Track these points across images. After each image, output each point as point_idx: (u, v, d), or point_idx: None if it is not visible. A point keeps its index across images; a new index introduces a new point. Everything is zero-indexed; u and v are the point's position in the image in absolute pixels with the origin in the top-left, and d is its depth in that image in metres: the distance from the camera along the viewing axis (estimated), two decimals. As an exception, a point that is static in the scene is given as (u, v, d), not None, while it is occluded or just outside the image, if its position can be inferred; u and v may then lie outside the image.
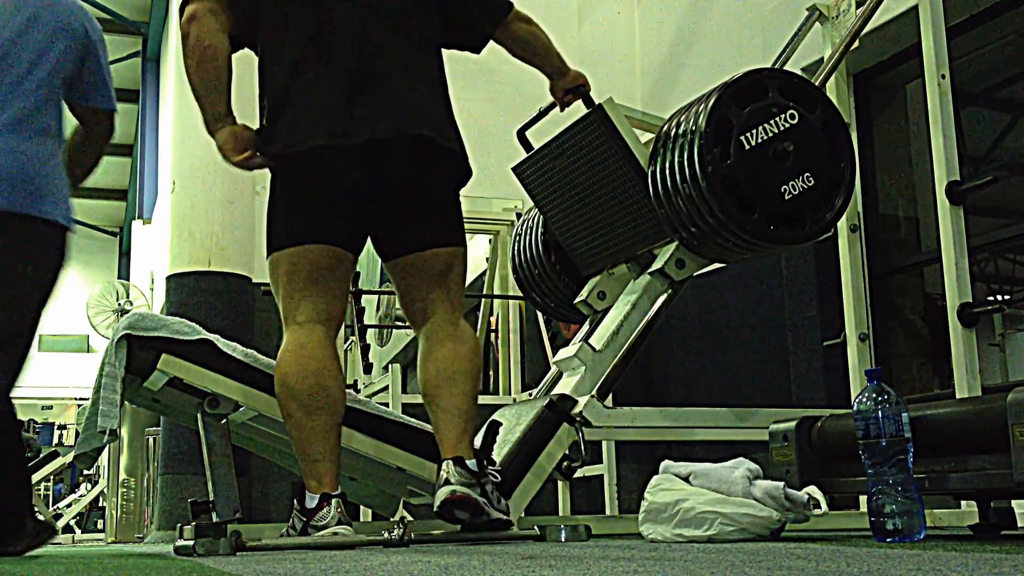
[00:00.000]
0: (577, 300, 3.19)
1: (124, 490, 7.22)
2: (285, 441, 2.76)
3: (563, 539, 2.35)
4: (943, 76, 3.08)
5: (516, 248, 3.50)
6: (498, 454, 2.67)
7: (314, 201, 2.47)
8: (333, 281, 2.48)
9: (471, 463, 2.36)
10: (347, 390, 2.63)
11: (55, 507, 11.57)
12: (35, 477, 9.33)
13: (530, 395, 3.13)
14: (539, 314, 5.29)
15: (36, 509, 2.69)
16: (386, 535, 2.21)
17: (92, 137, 2.93)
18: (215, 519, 2.42)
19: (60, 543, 7.60)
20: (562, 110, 2.96)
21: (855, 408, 1.97)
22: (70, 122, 2.88)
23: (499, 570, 1.37)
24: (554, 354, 3.19)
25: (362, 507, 4.04)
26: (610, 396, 2.92)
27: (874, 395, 1.94)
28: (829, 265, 3.78)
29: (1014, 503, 2.39)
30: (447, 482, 2.31)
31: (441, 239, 2.54)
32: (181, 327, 2.60)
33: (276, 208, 2.51)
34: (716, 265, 3.04)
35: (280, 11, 2.51)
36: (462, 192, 2.62)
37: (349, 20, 2.46)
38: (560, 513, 4.52)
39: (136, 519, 7.18)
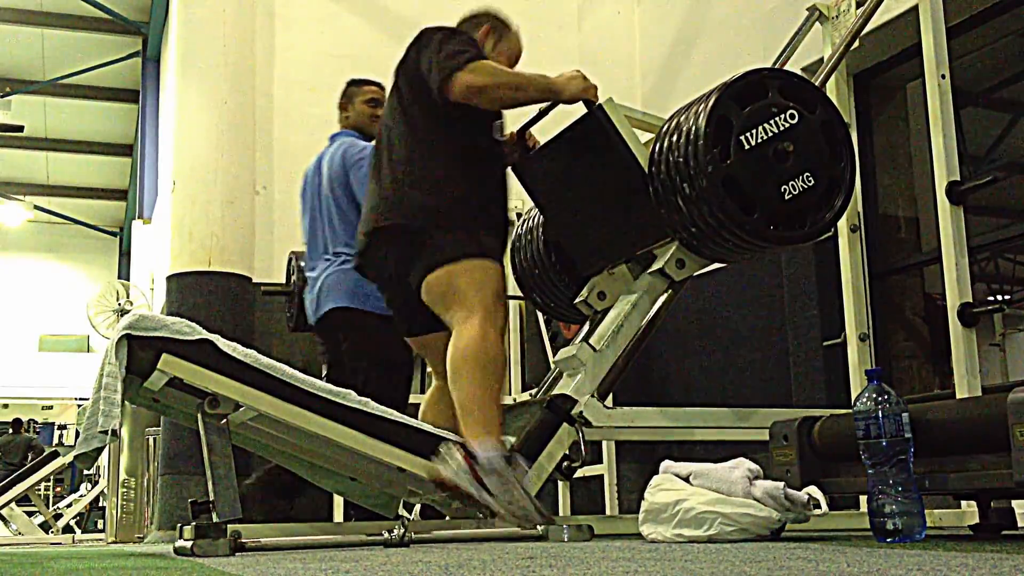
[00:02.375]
0: (577, 300, 3.19)
1: (124, 490, 7.21)
2: (285, 441, 2.76)
3: (566, 539, 2.35)
4: (943, 76, 3.08)
5: (516, 248, 3.50)
6: (498, 454, 2.68)
7: None
8: None
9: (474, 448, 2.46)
10: (347, 390, 2.64)
11: (55, 507, 11.57)
12: (35, 477, 9.30)
13: (530, 395, 3.12)
14: (539, 314, 5.28)
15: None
16: (386, 535, 2.21)
17: None
18: (215, 519, 2.42)
19: (60, 543, 7.61)
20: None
21: (855, 408, 1.97)
22: None
23: (499, 570, 1.37)
24: (554, 354, 3.19)
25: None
26: (610, 396, 2.92)
27: (874, 395, 1.94)
28: (829, 265, 3.78)
29: (1014, 503, 2.39)
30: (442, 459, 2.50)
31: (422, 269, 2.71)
32: (181, 327, 2.60)
33: None
34: (716, 265, 3.04)
35: None
36: None
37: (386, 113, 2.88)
38: (560, 513, 4.52)
39: (136, 519, 7.17)
